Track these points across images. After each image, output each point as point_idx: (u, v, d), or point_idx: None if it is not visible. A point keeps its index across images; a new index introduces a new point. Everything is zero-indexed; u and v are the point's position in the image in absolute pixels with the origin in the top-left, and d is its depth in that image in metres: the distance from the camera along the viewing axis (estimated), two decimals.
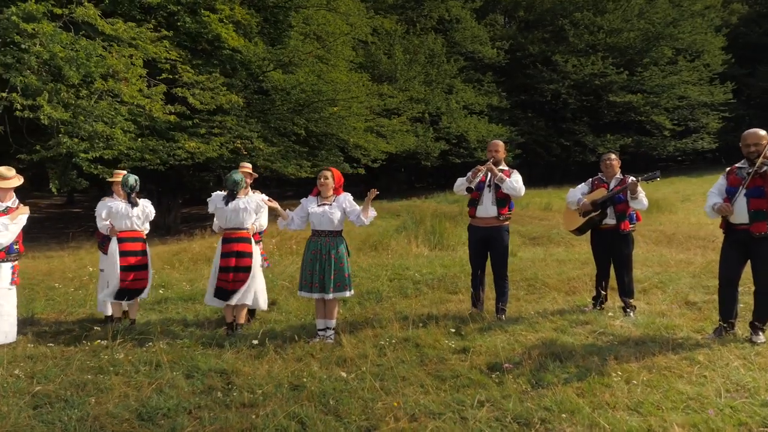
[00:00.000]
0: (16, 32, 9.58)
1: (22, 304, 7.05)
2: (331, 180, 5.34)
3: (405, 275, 8.01)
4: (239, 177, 5.60)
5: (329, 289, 5.14)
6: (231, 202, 5.53)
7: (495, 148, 5.84)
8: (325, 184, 5.30)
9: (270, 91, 15.77)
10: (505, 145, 6.11)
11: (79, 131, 9.95)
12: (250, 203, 5.60)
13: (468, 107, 30.21)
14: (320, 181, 5.33)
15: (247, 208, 5.56)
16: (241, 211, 5.54)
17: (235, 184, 5.54)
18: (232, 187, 5.55)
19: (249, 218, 5.61)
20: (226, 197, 5.55)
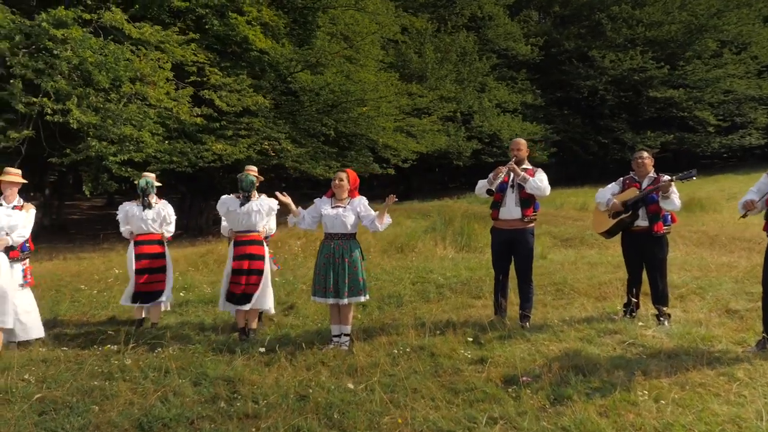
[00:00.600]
0: (47, 38, 9.78)
1: (47, 305, 7.17)
2: (346, 182, 5.17)
3: (428, 278, 7.79)
4: (253, 179, 5.50)
5: (343, 294, 4.98)
6: (245, 205, 5.43)
7: (517, 146, 5.57)
8: (340, 185, 5.14)
9: (298, 92, 15.75)
10: (539, 143, 5.83)
11: (107, 134, 10.10)
12: (263, 206, 5.49)
13: (501, 105, 29.66)
14: (335, 182, 5.17)
15: (260, 210, 5.46)
16: (254, 214, 5.44)
17: (251, 185, 5.44)
18: (248, 188, 5.46)
19: (261, 221, 5.51)
20: (243, 200, 5.45)
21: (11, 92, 9.35)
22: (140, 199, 5.85)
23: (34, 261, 10.90)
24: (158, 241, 5.89)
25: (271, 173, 18.62)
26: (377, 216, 5.04)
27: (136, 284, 5.71)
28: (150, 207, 5.84)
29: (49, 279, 8.59)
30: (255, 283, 5.40)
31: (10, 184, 5.09)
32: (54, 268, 9.65)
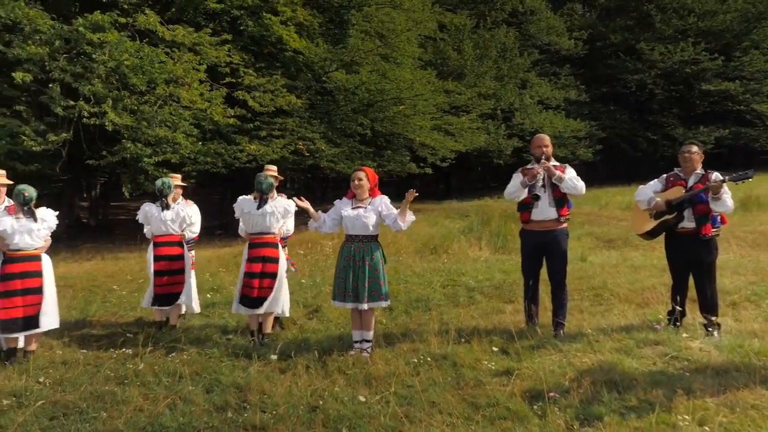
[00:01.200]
0: (85, 43, 9.97)
1: (80, 306, 7.26)
2: (365, 181, 4.95)
3: (459, 281, 7.49)
4: (272, 181, 5.37)
5: (363, 298, 4.77)
6: (262, 207, 5.30)
7: (544, 143, 5.22)
8: (360, 185, 4.93)
9: (333, 91, 15.67)
10: (584, 141, 5.46)
11: (142, 136, 10.24)
12: (278, 207, 5.35)
13: (543, 102, 28.89)
14: (354, 183, 4.96)
15: (274, 212, 5.31)
16: (268, 216, 5.30)
17: (270, 187, 5.31)
18: (266, 190, 5.32)
19: (276, 223, 5.36)
20: (260, 201, 5.32)
21: (50, 96, 9.58)
22: (159, 200, 5.80)
23: (73, 261, 11.21)
24: (177, 243, 5.82)
25: (307, 173, 18.64)
26: (399, 214, 4.80)
27: (154, 286, 5.67)
28: (168, 208, 5.78)
29: (85, 279, 8.73)
30: (268, 287, 5.26)
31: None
32: (91, 269, 9.83)
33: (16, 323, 4.83)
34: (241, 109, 11.97)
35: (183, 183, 6.32)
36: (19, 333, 4.91)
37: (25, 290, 4.91)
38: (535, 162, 5.22)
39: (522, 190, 5.12)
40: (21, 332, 4.91)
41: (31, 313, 4.91)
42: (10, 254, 4.92)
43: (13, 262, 4.90)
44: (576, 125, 29.11)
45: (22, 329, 4.88)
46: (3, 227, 4.83)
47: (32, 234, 4.95)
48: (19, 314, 4.85)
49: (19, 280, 4.92)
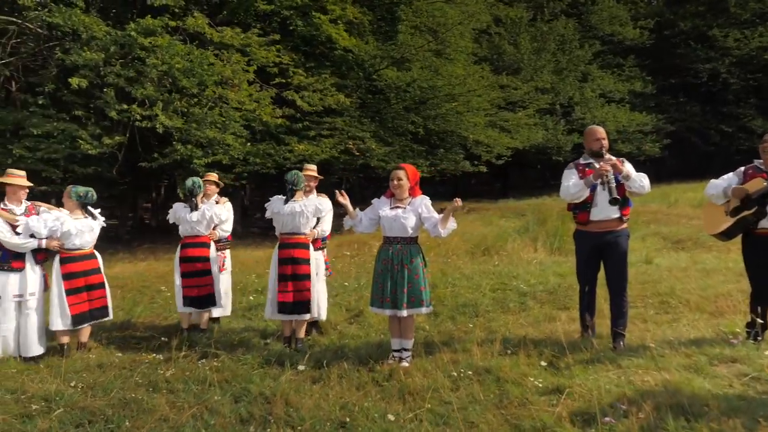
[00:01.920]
0: (139, 47, 10.18)
1: (127, 306, 7.34)
2: (405, 180, 4.64)
3: (510, 285, 7.06)
4: (297, 176, 5.15)
5: (402, 305, 4.46)
6: (288, 205, 5.10)
7: (601, 135, 4.70)
8: (399, 185, 4.62)
9: (384, 89, 15.43)
10: (650, 135, 4.90)
11: (191, 138, 10.35)
12: (308, 206, 5.12)
13: (606, 95, 27.60)
14: (393, 183, 4.65)
15: (303, 211, 5.09)
16: (297, 215, 5.09)
17: (297, 180, 5.10)
18: (294, 182, 5.12)
19: (306, 222, 5.14)
20: (286, 199, 5.13)
21: (105, 101, 9.84)
22: (188, 201, 5.70)
23: (128, 262, 11.50)
24: (204, 244, 5.69)
25: (360, 173, 18.51)
26: (440, 220, 4.47)
27: (183, 288, 5.58)
28: (196, 208, 5.67)
29: (137, 279, 8.88)
30: (306, 289, 5.05)
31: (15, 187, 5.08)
32: (144, 269, 10.02)
33: (85, 316, 5.09)
34: (289, 109, 11.93)
35: (218, 181, 6.21)
36: (89, 323, 5.14)
37: (89, 287, 5.12)
38: (589, 156, 4.73)
39: (586, 189, 4.62)
40: (90, 322, 5.14)
41: (97, 306, 5.18)
42: (67, 254, 5.01)
43: (74, 261, 5.03)
44: (642, 119, 27.63)
45: (90, 320, 5.14)
46: (67, 228, 4.92)
47: (92, 233, 5.13)
48: (86, 308, 5.09)
49: (83, 278, 5.09)
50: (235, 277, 8.80)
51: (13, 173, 5.13)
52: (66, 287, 4.92)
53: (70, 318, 4.94)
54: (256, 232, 17.45)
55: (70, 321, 4.94)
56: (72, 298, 4.93)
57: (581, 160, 4.80)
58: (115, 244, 13.83)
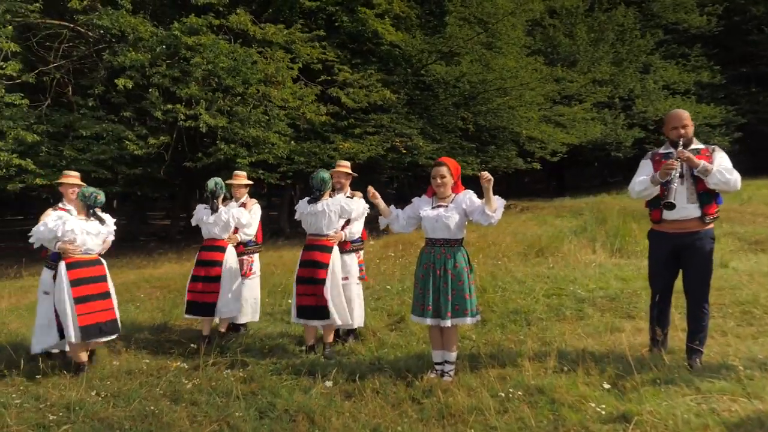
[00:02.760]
0: (184, 47, 10.15)
1: (167, 308, 7.23)
2: (448, 177, 4.21)
3: (567, 290, 6.46)
4: (327, 176, 4.81)
5: (445, 314, 4.04)
6: (312, 205, 4.76)
7: (682, 121, 4.03)
8: (443, 183, 4.19)
9: (432, 84, 14.96)
10: (719, 128, 4.21)
11: (235, 137, 10.24)
12: (331, 206, 4.76)
13: (669, 87, 26.02)
14: (435, 181, 4.21)
15: (325, 211, 4.74)
16: (319, 215, 4.75)
17: (322, 183, 4.76)
18: (319, 186, 4.78)
19: (329, 224, 4.78)
20: (311, 199, 4.80)
21: (151, 101, 9.86)
22: (209, 203, 5.44)
23: (175, 263, 11.54)
24: (219, 248, 5.41)
25: (408, 171, 18.12)
26: (485, 204, 4.00)
27: (189, 292, 5.33)
28: (216, 210, 5.41)
29: (180, 280, 8.79)
30: (321, 294, 4.70)
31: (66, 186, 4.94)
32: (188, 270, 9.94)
33: (94, 329, 4.62)
34: (334, 107, 11.66)
35: (247, 181, 5.95)
36: (99, 339, 4.70)
37: (97, 295, 4.71)
38: (669, 146, 4.12)
39: (653, 187, 4.01)
40: (100, 338, 4.70)
41: (105, 319, 4.71)
42: (73, 258, 4.77)
43: (81, 267, 4.75)
44: (709, 111, 25.88)
45: (99, 335, 4.66)
46: (70, 226, 4.66)
47: (97, 237, 4.78)
48: (95, 320, 4.64)
49: (93, 284, 4.78)
50: (277, 279, 8.65)
51: (68, 174, 5.08)
52: (74, 295, 4.56)
53: (79, 330, 4.49)
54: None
55: (79, 334, 4.49)
56: (81, 307, 4.54)
57: (662, 149, 4.19)
58: (165, 245, 14.00)
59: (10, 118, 9.70)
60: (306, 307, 4.76)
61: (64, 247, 4.59)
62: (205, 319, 5.40)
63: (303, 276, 4.80)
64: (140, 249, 13.73)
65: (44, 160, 10.30)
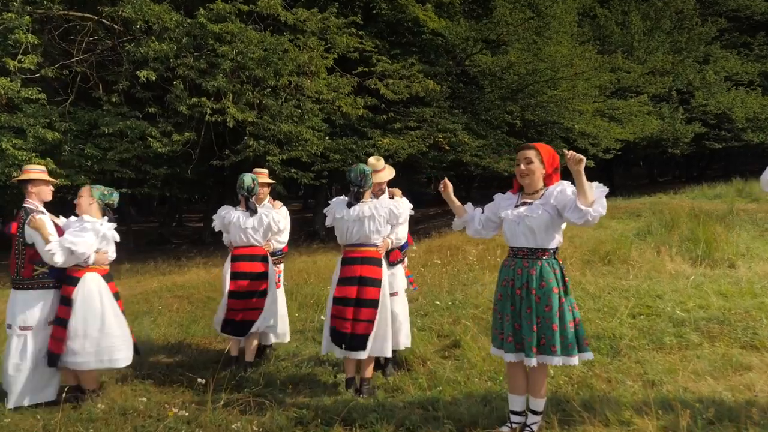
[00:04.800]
0: (211, 37, 9.41)
1: (185, 323, 6.41)
2: (537, 164, 3.17)
3: (657, 309, 5.32)
4: (369, 169, 3.86)
5: (530, 348, 3.02)
6: (354, 207, 3.81)
7: None
8: (529, 171, 3.17)
9: (477, 76, 13.85)
10: None
11: (265, 132, 9.42)
12: (380, 210, 3.80)
13: (731, 78, 24.11)
14: (519, 167, 3.19)
15: (374, 215, 3.78)
16: (366, 221, 3.78)
17: (363, 177, 3.82)
18: (359, 181, 3.82)
19: (377, 231, 3.82)
20: (350, 200, 3.85)
21: (175, 95, 9.14)
22: (244, 203, 4.55)
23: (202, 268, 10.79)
24: (261, 257, 4.53)
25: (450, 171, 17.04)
26: (578, 195, 2.95)
27: (228, 310, 4.43)
28: (255, 212, 4.51)
29: (203, 289, 8.03)
30: (369, 320, 3.73)
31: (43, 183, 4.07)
32: (215, 277, 9.16)
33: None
34: (372, 98, 10.70)
35: (269, 180, 5.07)
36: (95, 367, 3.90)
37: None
38: None
39: None
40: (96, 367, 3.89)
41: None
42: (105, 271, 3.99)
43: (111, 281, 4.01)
44: None
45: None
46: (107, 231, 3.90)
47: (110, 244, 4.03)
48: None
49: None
50: (309, 288, 7.75)
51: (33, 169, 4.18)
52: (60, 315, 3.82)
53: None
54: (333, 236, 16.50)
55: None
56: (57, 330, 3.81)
57: None
58: (195, 248, 13.36)
59: (30, 115, 9.13)
60: (345, 334, 3.80)
61: (102, 258, 3.88)
62: (235, 339, 4.51)
63: (347, 296, 3.83)
64: (169, 253, 13.11)
65: (67, 159, 9.72)
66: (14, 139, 8.93)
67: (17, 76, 8.66)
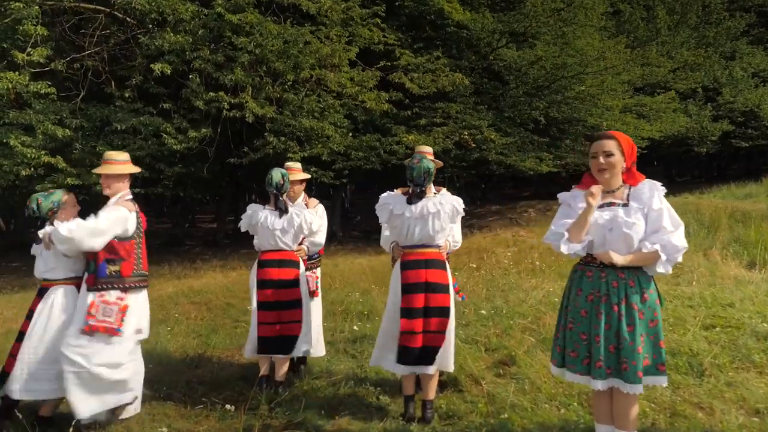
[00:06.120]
0: (229, 28, 8.95)
1: (204, 332, 5.92)
2: (618, 156, 2.67)
3: (731, 320, 4.75)
4: (433, 167, 3.36)
5: (635, 373, 2.50)
6: (418, 205, 3.31)
7: None
8: (608, 164, 2.67)
9: (502, 71, 13.29)
10: None
11: (285, 128, 8.93)
12: (444, 205, 3.32)
13: (759, 74, 23.35)
14: (597, 161, 2.68)
15: (439, 212, 3.29)
16: (430, 219, 3.29)
17: (428, 174, 3.31)
18: (421, 180, 3.31)
19: (442, 230, 3.31)
20: (414, 197, 3.34)
21: (191, 89, 8.67)
22: (273, 201, 4.04)
23: (219, 271, 10.32)
24: (292, 263, 3.99)
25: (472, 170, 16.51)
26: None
27: (259, 324, 3.92)
28: (286, 211, 3.99)
29: (222, 294, 7.53)
30: (440, 331, 3.23)
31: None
32: (234, 280, 8.71)
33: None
34: (397, 93, 10.17)
35: (304, 175, 4.55)
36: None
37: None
38: None
39: None
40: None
41: None
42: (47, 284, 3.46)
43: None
44: None
45: None
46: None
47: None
48: None
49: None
50: (335, 294, 7.23)
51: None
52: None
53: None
54: (358, 236, 15.97)
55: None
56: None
57: None
58: (210, 250, 12.91)
59: (39, 111, 8.71)
60: (412, 349, 3.30)
61: None
62: (264, 356, 3.99)
63: (414, 307, 3.33)
64: (183, 255, 12.66)
65: (78, 157, 9.29)
66: (23, 136, 8.51)
67: (26, 70, 8.24)
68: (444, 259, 3.44)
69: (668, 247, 2.56)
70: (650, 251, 2.57)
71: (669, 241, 2.56)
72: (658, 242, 2.56)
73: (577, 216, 2.65)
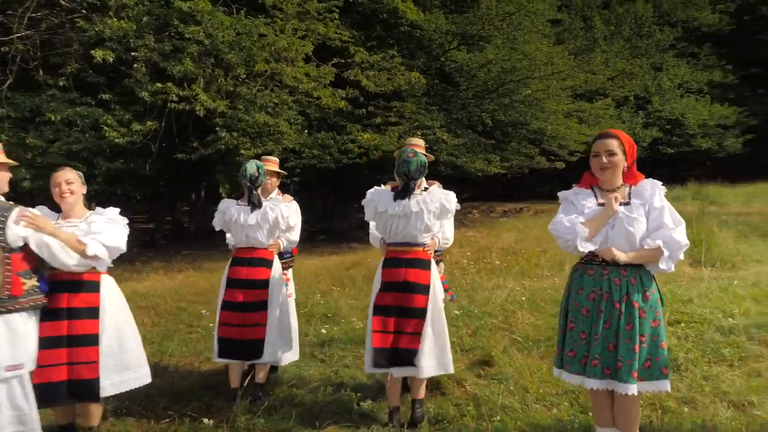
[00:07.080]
0: (177, 17, 8.46)
1: (156, 339, 5.50)
2: (620, 155, 2.65)
3: (694, 315, 4.92)
4: (425, 160, 3.24)
5: (630, 373, 2.46)
6: (401, 201, 3.18)
7: None
8: (611, 163, 2.64)
9: (453, 73, 13.39)
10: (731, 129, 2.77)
11: (237, 123, 8.53)
12: (431, 202, 3.24)
13: (682, 85, 24.89)
14: (599, 159, 2.65)
15: (422, 211, 3.21)
16: (414, 217, 3.16)
17: (422, 168, 3.19)
18: (416, 174, 3.17)
19: (426, 228, 3.21)
20: (400, 192, 3.20)
21: (135, 79, 8.12)
22: (247, 195, 3.77)
23: (164, 273, 9.74)
24: (264, 261, 3.73)
25: None
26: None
27: (221, 325, 3.63)
28: (259, 206, 3.73)
29: (171, 299, 7.06)
30: (415, 332, 3.13)
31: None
32: (181, 283, 8.21)
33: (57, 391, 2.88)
34: (353, 90, 9.98)
35: (279, 170, 4.32)
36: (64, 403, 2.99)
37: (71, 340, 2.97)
38: None
39: None
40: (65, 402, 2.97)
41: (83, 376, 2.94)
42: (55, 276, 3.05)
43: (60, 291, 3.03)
44: (723, 111, 24.98)
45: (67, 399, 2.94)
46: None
47: None
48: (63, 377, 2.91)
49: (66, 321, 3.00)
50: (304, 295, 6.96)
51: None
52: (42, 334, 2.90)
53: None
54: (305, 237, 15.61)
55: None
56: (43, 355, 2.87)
57: None
58: (149, 251, 12.20)
59: None
60: (385, 350, 3.12)
61: None
62: (236, 365, 3.69)
63: (387, 305, 3.17)
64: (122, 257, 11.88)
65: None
66: None
67: None
68: (428, 259, 3.29)
69: (670, 243, 2.55)
70: (653, 247, 2.55)
71: (671, 238, 2.55)
72: (660, 239, 2.55)
73: (594, 216, 2.59)
